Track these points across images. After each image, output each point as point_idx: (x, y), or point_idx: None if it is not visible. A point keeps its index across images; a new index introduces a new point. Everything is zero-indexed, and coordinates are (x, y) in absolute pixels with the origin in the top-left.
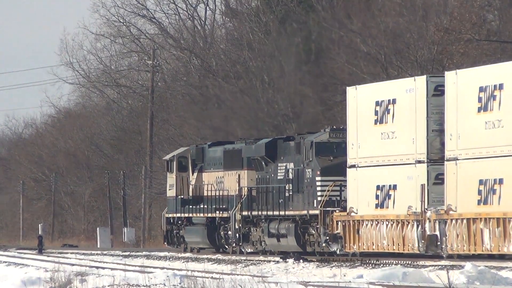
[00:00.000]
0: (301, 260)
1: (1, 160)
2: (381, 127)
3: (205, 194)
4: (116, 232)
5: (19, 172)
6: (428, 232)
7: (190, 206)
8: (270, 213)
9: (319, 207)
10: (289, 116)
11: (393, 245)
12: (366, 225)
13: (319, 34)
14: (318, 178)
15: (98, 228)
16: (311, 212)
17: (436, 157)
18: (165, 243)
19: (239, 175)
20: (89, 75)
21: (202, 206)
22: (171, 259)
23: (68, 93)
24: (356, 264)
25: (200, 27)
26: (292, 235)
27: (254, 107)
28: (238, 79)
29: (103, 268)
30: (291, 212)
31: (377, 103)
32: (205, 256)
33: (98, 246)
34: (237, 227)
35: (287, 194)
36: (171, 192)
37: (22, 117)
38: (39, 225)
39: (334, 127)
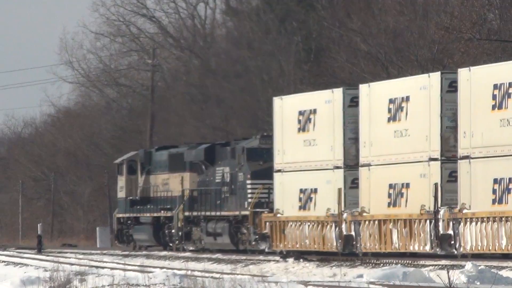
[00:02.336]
0: (301, 260)
1: (1, 160)
2: (304, 135)
3: (152, 195)
4: None
5: (19, 171)
6: (344, 232)
7: (138, 207)
8: (208, 213)
9: (249, 208)
10: None
11: (315, 244)
12: (291, 225)
13: (319, 33)
14: (248, 182)
15: (97, 228)
16: (242, 213)
17: (352, 163)
18: (116, 241)
19: (182, 178)
20: (89, 74)
21: (149, 206)
22: (170, 258)
23: (67, 92)
24: (356, 264)
25: (200, 26)
26: (227, 234)
27: (254, 106)
28: (238, 78)
29: (103, 267)
30: (226, 213)
31: (300, 113)
32: (205, 256)
33: (98, 246)
34: (179, 226)
35: (223, 196)
36: (121, 194)
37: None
38: (38, 224)
39: (265, 134)
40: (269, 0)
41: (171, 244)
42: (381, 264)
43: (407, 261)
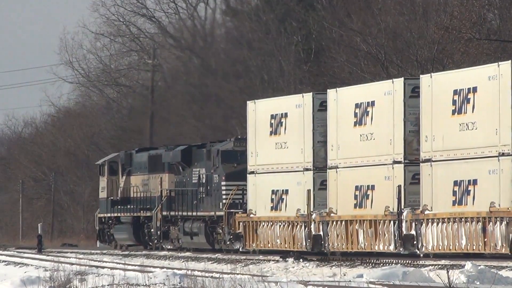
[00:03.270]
0: (301, 259)
1: (1, 160)
2: (276, 138)
3: (132, 195)
4: None
5: (19, 171)
6: (313, 232)
7: (119, 207)
8: (185, 213)
9: (224, 209)
10: None
11: (285, 243)
12: (263, 225)
13: (319, 33)
14: (223, 183)
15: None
16: (218, 213)
17: (321, 165)
18: (98, 241)
19: (161, 178)
20: (89, 74)
21: (129, 206)
22: (171, 258)
23: (67, 92)
24: (356, 264)
25: (200, 26)
26: (203, 234)
27: None
28: (238, 78)
29: (103, 267)
30: (202, 213)
31: (272, 116)
32: (205, 256)
33: (98, 246)
34: (158, 225)
35: (199, 197)
36: (102, 194)
37: (22, 116)
38: (39, 224)
39: (239, 136)
40: (269, 0)
41: (150, 243)
42: (381, 264)
43: (407, 261)
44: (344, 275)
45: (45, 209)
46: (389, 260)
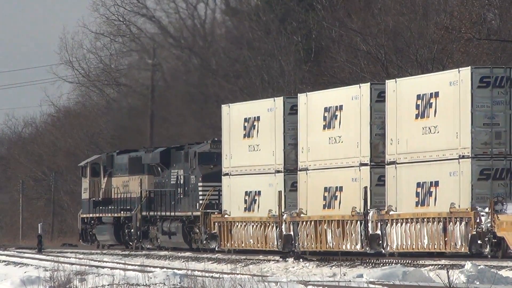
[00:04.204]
0: (301, 260)
1: (1, 159)
2: (249, 140)
3: (113, 196)
4: None
5: (19, 171)
6: (284, 232)
7: (101, 207)
8: (164, 213)
9: (200, 209)
10: None
11: (258, 243)
12: (237, 225)
13: (319, 33)
14: (200, 184)
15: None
16: (195, 213)
17: (292, 168)
18: (80, 240)
19: (141, 180)
20: (89, 74)
21: (110, 207)
22: (171, 258)
23: (67, 92)
24: (356, 264)
25: (200, 26)
26: (180, 233)
27: None
28: (238, 78)
29: (103, 267)
30: (180, 213)
31: (245, 120)
32: (205, 256)
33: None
34: (138, 225)
35: (177, 197)
36: (85, 195)
37: (22, 116)
38: (39, 224)
39: (216, 139)
40: (269, 0)
41: (131, 243)
42: (381, 264)
43: (407, 261)
44: (344, 275)
45: (45, 209)
46: (389, 260)
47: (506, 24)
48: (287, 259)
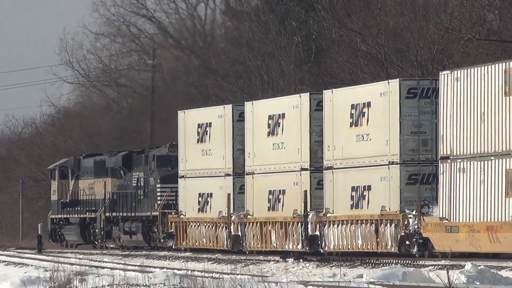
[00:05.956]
0: (301, 260)
1: (1, 160)
2: (202, 145)
3: (80, 198)
4: None
5: (19, 171)
6: (233, 233)
7: (68, 208)
8: (125, 214)
9: (158, 209)
10: None
11: (210, 242)
12: (192, 225)
13: (319, 33)
14: (158, 186)
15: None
16: (153, 213)
17: (240, 171)
18: (50, 240)
19: (105, 182)
20: (89, 75)
21: (77, 208)
22: (171, 258)
23: (67, 93)
24: (356, 264)
25: (200, 27)
26: (140, 233)
27: None
28: (238, 79)
29: (103, 267)
30: (140, 214)
31: (198, 125)
32: (205, 256)
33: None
34: (101, 226)
35: (137, 199)
36: (54, 197)
37: (22, 117)
38: (39, 224)
39: (174, 143)
40: (269, 0)
41: (96, 243)
42: (381, 264)
43: (407, 261)
44: (344, 275)
45: (45, 209)
46: (389, 260)
47: (506, 25)
48: (287, 259)
